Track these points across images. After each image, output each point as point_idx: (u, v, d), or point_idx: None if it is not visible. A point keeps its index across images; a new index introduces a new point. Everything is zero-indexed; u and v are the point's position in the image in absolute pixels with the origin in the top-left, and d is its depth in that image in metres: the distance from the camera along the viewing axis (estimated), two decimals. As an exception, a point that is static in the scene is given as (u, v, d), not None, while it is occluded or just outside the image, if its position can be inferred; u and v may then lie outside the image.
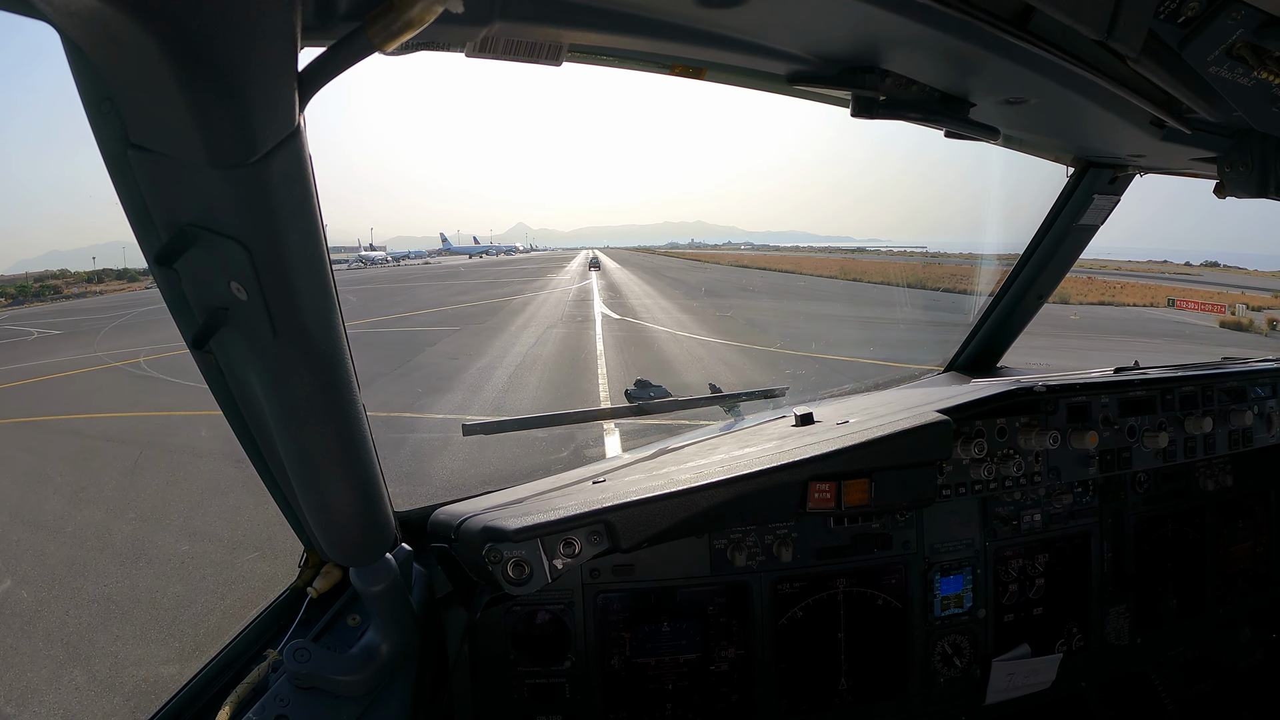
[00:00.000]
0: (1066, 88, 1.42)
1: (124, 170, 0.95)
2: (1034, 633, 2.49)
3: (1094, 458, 2.46)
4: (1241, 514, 2.89)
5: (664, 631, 2.22)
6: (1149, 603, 2.68)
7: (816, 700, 2.30)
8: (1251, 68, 1.29)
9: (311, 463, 1.34)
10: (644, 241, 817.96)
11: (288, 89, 0.82)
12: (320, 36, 0.92)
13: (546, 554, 1.66)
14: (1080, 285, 42.56)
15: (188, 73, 0.72)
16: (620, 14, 1.15)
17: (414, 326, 26.34)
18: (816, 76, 1.42)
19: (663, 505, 1.72)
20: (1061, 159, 2.54)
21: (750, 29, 1.23)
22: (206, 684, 1.67)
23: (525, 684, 2.16)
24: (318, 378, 1.18)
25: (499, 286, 45.93)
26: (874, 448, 1.90)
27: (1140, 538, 2.66)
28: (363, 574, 1.58)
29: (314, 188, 0.98)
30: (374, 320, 28.15)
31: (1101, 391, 2.48)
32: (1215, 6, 1.16)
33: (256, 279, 0.99)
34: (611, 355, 18.62)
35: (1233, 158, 1.92)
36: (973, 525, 2.42)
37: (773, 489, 1.83)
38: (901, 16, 1.09)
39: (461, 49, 1.15)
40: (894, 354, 18.39)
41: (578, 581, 2.18)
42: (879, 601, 2.34)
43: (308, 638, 1.65)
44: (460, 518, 1.82)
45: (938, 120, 1.56)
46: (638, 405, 2.60)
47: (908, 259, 76.98)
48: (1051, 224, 2.82)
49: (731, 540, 2.23)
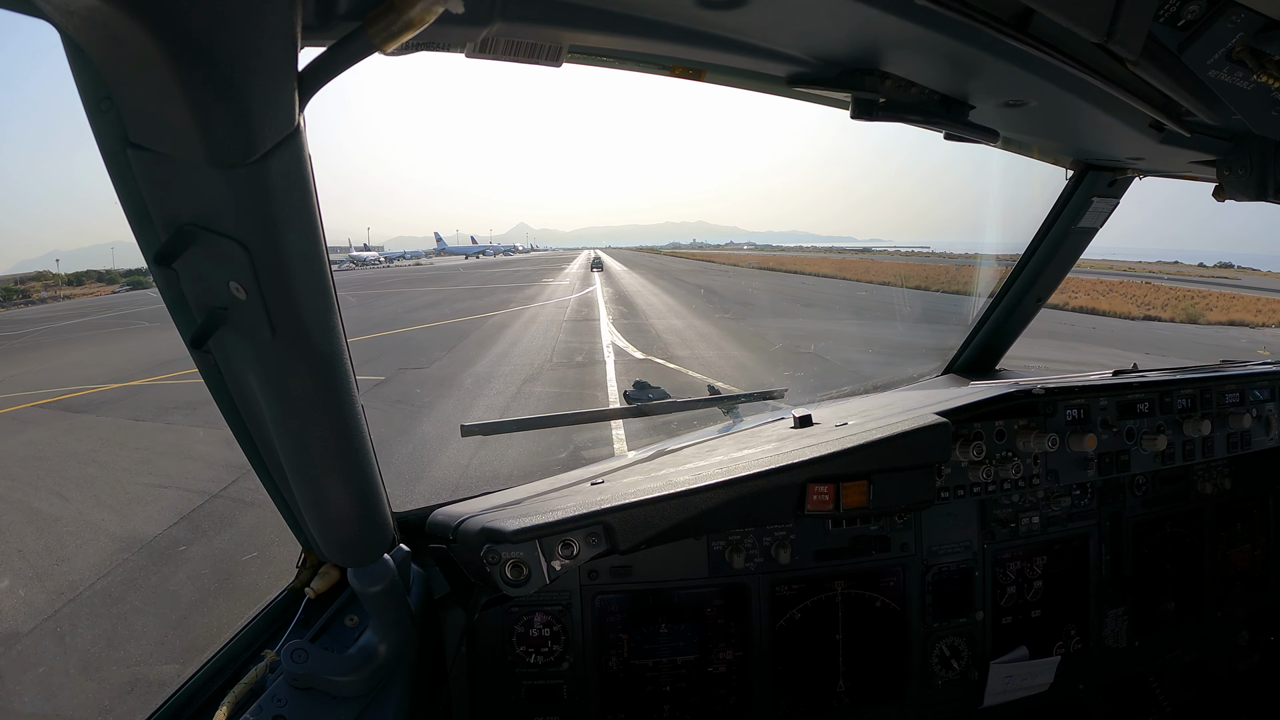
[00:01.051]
0: (1066, 90, 1.42)
1: (123, 170, 0.95)
2: (1032, 635, 2.49)
3: (1092, 460, 2.47)
4: (1240, 517, 2.89)
5: (662, 633, 2.22)
6: (1147, 605, 2.68)
7: (814, 702, 2.30)
8: (1251, 71, 1.29)
9: (310, 463, 1.33)
10: (645, 241, 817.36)
11: (287, 88, 0.82)
12: (320, 36, 0.93)
13: (545, 555, 1.66)
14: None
15: (187, 72, 0.72)
16: (620, 15, 1.15)
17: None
18: (816, 78, 1.42)
19: (661, 507, 1.72)
20: (1061, 161, 2.54)
21: (750, 30, 1.23)
22: (203, 684, 1.66)
23: (523, 685, 2.16)
24: (316, 378, 1.18)
25: (481, 297, 36.55)
26: (873, 450, 1.90)
27: (1138, 540, 2.66)
28: (361, 574, 1.58)
29: (313, 188, 0.98)
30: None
31: (1100, 394, 2.49)
32: (1215, 10, 1.17)
33: (255, 279, 0.99)
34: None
35: (1232, 161, 1.92)
36: (971, 528, 2.42)
37: (771, 491, 1.83)
38: (901, 19, 1.10)
39: (461, 49, 1.15)
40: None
41: (576, 583, 2.18)
42: (877, 604, 2.34)
43: (305, 638, 1.65)
44: (458, 519, 1.82)
45: (937, 123, 1.57)
46: (636, 407, 2.60)
47: (951, 262, 67.87)
48: (1050, 226, 2.82)
49: (730, 542, 2.22)
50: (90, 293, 60.95)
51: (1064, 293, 32.29)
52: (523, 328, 23.54)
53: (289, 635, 1.68)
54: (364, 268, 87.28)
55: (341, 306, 1.17)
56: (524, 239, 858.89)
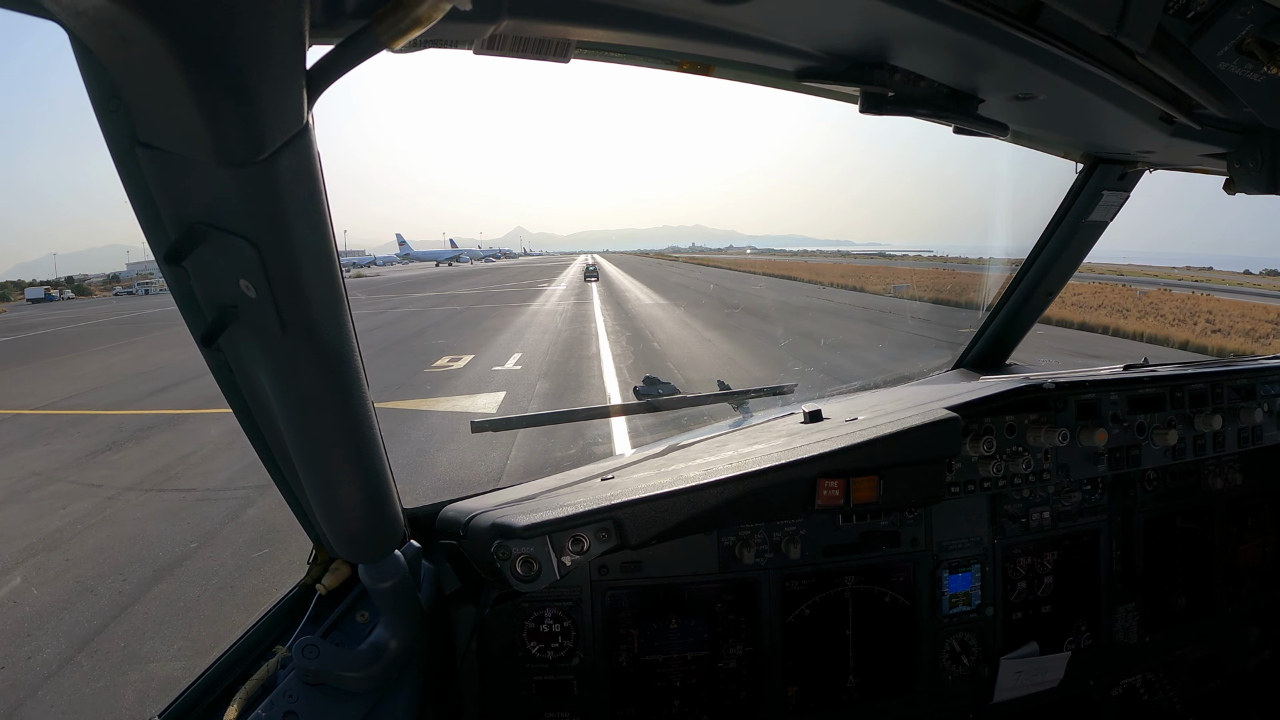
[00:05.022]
0: (1075, 83, 1.41)
1: (133, 169, 0.96)
2: (1042, 631, 2.48)
3: (1103, 455, 2.45)
4: (1251, 512, 2.87)
5: (672, 628, 2.22)
6: (1157, 601, 2.67)
7: (824, 697, 2.30)
8: (1261, 63, 1.28)
9: (320, 459, 1.34)
10: (643, 245, 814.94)
11: (296, 86, 0.83)
12: (328, 34, 0.93)
13: (555, 551, 1.67)
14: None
15: (196, 71, 0.72)
16: (629, 11, 1.15)
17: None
18: (825, 73, 1.42)
19: (671, 502, 1.72)
20: (1070, 155, 2.52)
21: (759, 25, 1.23)
22: (215, 680, 1.68)
23: (533, 680, 2.17)
24: (326, 374, 1.19)
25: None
26: (883, 445, 1.90)
27: (1149, 536, 2.65)
28: (371, 570, 1.59)
29: (323, 185, 0.98)
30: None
31: (1111, 389, 2.47)
32: (1225, 2, 1.16)
33: (265, 276, 0.99)
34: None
35: (1242, 154, 1.91)
36: (981, 523, 2.41)
37: (781, 486, 1.83)
38: (910, 12, 1.09)
39: (469, 46, 1.15)
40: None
41: (586, 578, 2.18)
42: (887, 599, 2.33)
43: (316, 634, 1.66)
44: (469, 514, 1.83)
45: (946, 116, 1.56)
46: (646, 402, 2.60)
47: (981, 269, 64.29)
48: (1060, 220, 2.80)
49: (740, 537, 2.23)
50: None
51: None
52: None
53: (300, 631, 1.70)
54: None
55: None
56: (522, 242, 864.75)
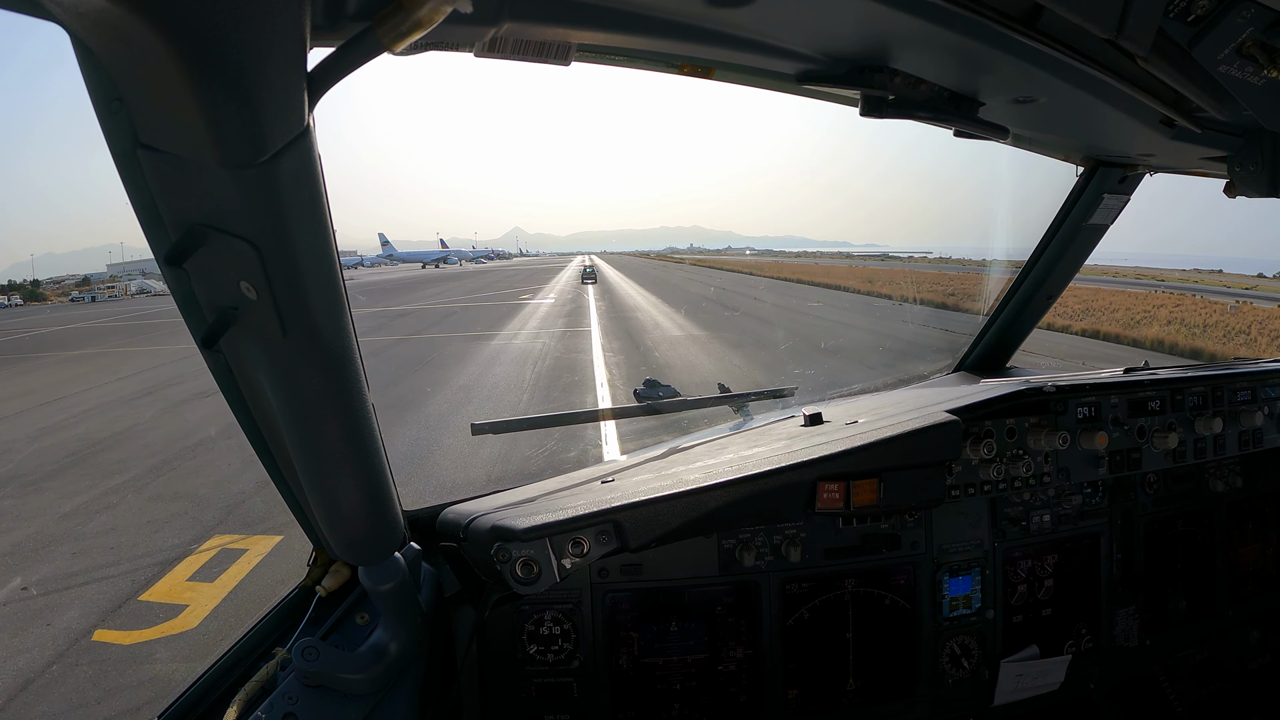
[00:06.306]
0: (1076, 87, 1.42)
1: (133, 170, 0.96)
2: (1043, 634, 2.48)
3: (1103, 458, 2.45)
4: (1251, 515, 2.87)
5: (672, 631, 2.22)
6: (1158, 604, 2.66)
7: (825, 700, 2.29)
8: (1262, 66, 1.28)
9: (321, 461, 1.34)
10: (641, 246, 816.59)
11: (297, 89, 0.83)
12: (329, 36, 0.93)
13: (555, 553, 1.67)
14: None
15: (197, 73, 0.72)
16: (629, 14, 1.15)
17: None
18: (826, 76, 1.42)
19: (671, 505, 1.72)
20: (1071, 158, 2.52)
21: (759, 28, 1.23)
22: (215, 681, 1.68)
23: (533, 683, 2.17)
24: (327, 377, 1.19)
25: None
26: (883, 448, 1.90)
27: (1150, 539, 2.64)
28: (371, 573, 1.59)
29: (323, 187, 0.98)
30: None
31: (1111, 392, 2.47)
32: (1225, 5, 1.16)
33: (266, 278, 0.99)
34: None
35: (1243, 157, 1.91)
36: (982, 526, 2.41)
37: (781, 489, 1.83)
38: (911, 15, 1.09)
39: (470, 49, 1.15)
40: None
41: (586, 581, 2.18)
42: (887, 602, 2.33)
43: (316, 636, 1.66)
44: (469, 517, 1.83)
45: (947, 119, 1.56)
46: (647, 405, 2.59)
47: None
48: (1061, 223, 2.80)
49: (740, 540, 2.22)
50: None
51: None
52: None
53: (300, 633, 1.70)
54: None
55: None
56: (518, 244, 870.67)
